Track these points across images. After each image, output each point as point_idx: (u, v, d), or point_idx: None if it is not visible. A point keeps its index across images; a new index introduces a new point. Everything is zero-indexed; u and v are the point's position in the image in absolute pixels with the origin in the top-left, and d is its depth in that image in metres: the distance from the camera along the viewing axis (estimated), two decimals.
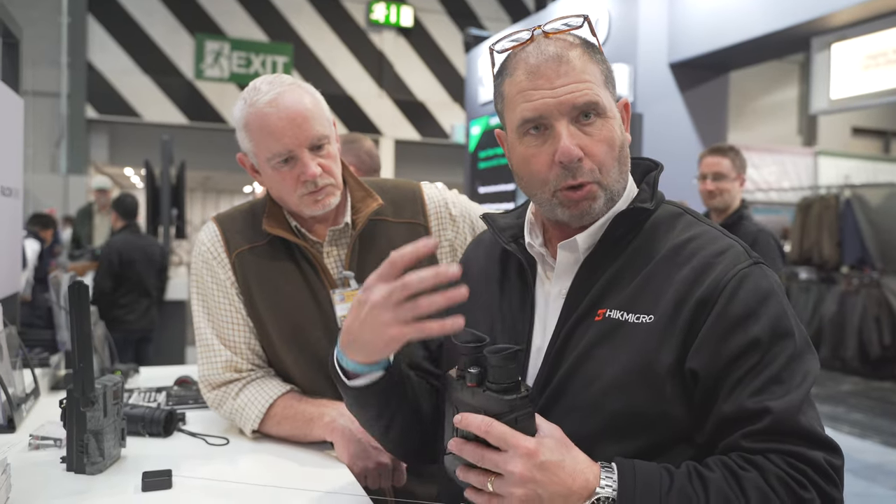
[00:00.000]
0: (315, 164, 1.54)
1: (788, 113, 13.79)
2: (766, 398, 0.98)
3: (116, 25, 12.54)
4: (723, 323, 1.02)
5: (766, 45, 4.80)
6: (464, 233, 1.75)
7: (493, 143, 7.02)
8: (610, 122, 1.09)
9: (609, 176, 1.09)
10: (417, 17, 14.16)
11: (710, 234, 1.12)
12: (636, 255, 1.11)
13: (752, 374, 1.00)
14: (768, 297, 1.03)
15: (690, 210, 1.19)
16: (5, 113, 2.37)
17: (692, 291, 1.04)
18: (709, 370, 1.01)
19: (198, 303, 1.70)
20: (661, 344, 1.04)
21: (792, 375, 1.00)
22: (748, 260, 1.07)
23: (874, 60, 4.47)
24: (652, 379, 1.03)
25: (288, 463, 1.51)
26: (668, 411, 1.04)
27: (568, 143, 1.06)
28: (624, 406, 1.05)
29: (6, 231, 2.41)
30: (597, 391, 1.06)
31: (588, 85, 1.07)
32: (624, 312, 1.07)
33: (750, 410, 0.98)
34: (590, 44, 1.12)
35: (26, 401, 1.87)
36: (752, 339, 1.01)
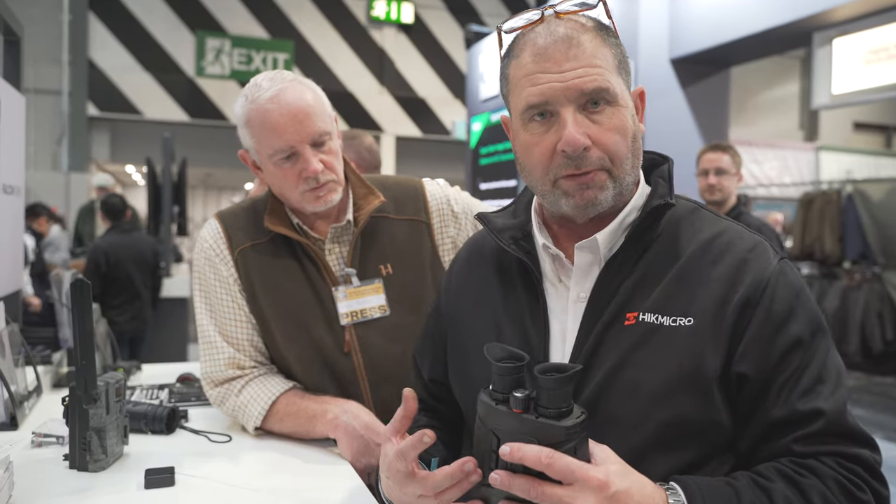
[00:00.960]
0: (317, 160, 1.54)
1: (790, 108, 13.76)
2: (816, 400, 0.96)
3: (117, 23, 12.52)
4: (769, 323, 0.98)
5: (767, 41, 4.78)
6: (466, 230, 1.75)
7: (495, 139, 7.01)
8: (622, 111, 1.01)
9: (621, 167, 1.02)
10: (418, 14, 14.14)
11: (733, 228, 1.08)
12: (661, 253, 1.05)
13: (797, 375, 0.97)
14: (801, 293, 1.01)
15: (702, 203, 1.14)
16: (7, 111, 2.37)
17: (734, 290, 0.99)
18: (758, 373, 0.98)
19: (200, 300, 1.70)
20: (706, 347, 0.98)
21: (830, 371, 0.99)
22: (777, 255, 1.04)
23: (876, 55, 4.46)
24: (700, 385, 0.97)
25: (291, 460, 1.52)
26: (716, 419, 0.99)
27: (573, 132, 0.98)
28: (672, 416, 0.98)
29: (8, 229, 2.41)
30: (641, 401, 0.98)
31: (599, 70, 0.99)
32: (658, 315, 1.01)
33: (802, 413, 0.96)
34: (604, 26, 1.05)
35: (29, 398, 1.87)
36: (795, 338, 0.98)
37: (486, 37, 7.48)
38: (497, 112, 6.98)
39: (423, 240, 1.70)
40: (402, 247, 1.68)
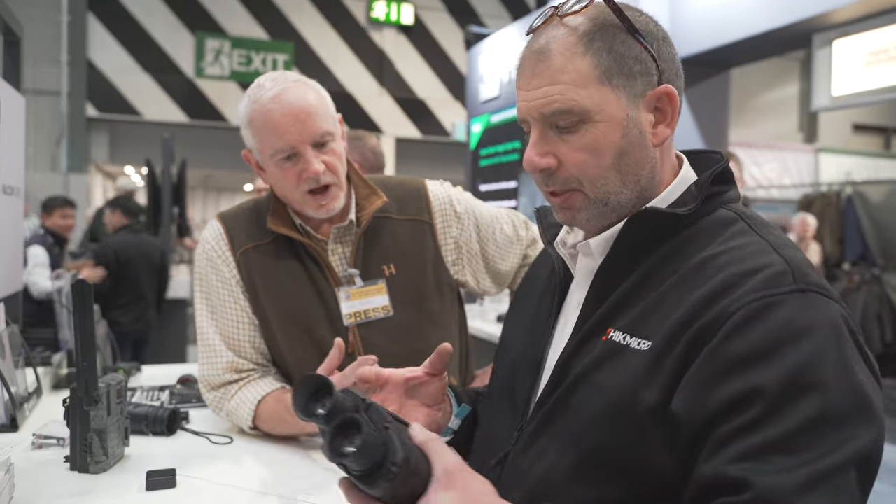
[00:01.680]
0: (318, 161, 1.54)
1: (789, 110, 13.77)
2: (753, 468, 0.75)
3: (117, 24, 12.51)
4: (718, 361, 0.81)
5: (767, 42, 4.78)
6: (469, 230, 1.74)
7: (495, 140, 7.01)
8: (598, 128, 0.92)
9: (598, 187, 0.94)
10: (418, 15, 14.14)
11: (754, 246, 0.89)
12: (659, 267, 0.94)
13: (746, 434, 0.77)
14: (800, 337, 0.80)
15: (753, 217, 0.96)
16: (7, 111, 2.36)
17: (698, 317, 0.84)
18: (692, 417, 0.81)
19: (201, 301, 1.69)
20: (648, 376, 0.86)
21: (806, 446, 0.75)
22: (789, 285, 0.83)
23: (876, 57, 4.46)
24: (632, 418, 0.86)
25: (292, 461, 1.51)
26: (648, 460, 0.85)
27: (530, 153, 0.95)
28: (598, 444, 0.89)
29: (8, 230, 2.40)
30: (582, 422, 0.92)
31: (561, 89, 0.91)
32: (627, 335, 0.91)
33: (729, 478, 0.76)
34: (599, 27, 0.93)
35: (29, 400, 1.87)
36: (752, 387, 0.78)
37: (485, 38, 7.48)
38: (497, 113, 6.98)
39: (425, 240, 1.70)
40: (405, 247, 1.68)
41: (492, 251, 1.78)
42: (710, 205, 0.96)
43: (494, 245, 1.78)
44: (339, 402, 0.79)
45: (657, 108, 0.95)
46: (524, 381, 1.06)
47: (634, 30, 0.93)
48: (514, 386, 1.07)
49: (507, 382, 1.11)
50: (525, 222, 1.86)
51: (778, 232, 0.95)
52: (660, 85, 0.94)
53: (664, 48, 0.96)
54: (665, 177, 0.99)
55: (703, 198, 0.95)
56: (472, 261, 1.76)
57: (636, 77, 0.93)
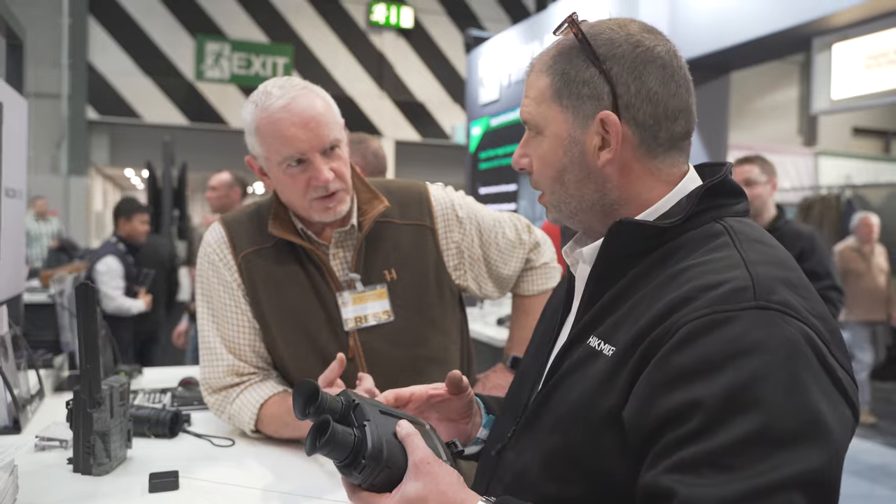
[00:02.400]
0: (327, 168, 1.54)
1: (789, 113, 13.79)
2: (682, 479, 0.76)
3: (117, 27, 12.54)
4: (662, 372, 0.82)
5: (767, 46, 4.79)
6: (471, 234, 1.75)
7: (494, 143, 7.02)
8: (545, 142, 1.00)
9: (549, 194, 1.03)
10: (417, 18, 14.17)
11: (726, 261, 0.89)
12: (639, 277, 0.95)
13: (683, 445, 0.78)
14: (747, 354, 0.79)
15: (740, 233, 0.95)
16: (10, 114, 2.37)
17: (654, 327, 0.86)
18: (637, 423, 0.83)
19: (203, 304, 1.70)
20: (606, 383, 0.89)
21: (741, 463, 0.75)
22: (746, 302, 0.82)
23: (875, 60, 4.47)
24: (589, 421, 0.89)
25: (294, 463, 1.52)
26: (605, 464, 0.88)
27: (515, 153, 1.06)
28: (560, 445, 0.93)
29: (10, 232, 2.41)
30: (550, 423, 0.97)
31: (527, 101, 1.02)
32: (602, 341, 0.93)
33: (661, 487, 0.78)
34: (567, 49, 0.99)
35: (31, 402, 1.87)
36: (691, 400, 0.78)
37: (485, 41, 7.49)
38: (496, 116, 6.99)
39: (427, 245, 1.70)
40: (407, 252, 1.68)
41: (494, 255, 1.78)
42: (705, 217, 0.97)
43: (496, 249, 1.78)
44: (326, 404, 0.92)
45: (606, 132, 0.96)
46: (527, 382, 1.11)
47: (592, 53, 0.96)
48: (522, 385, 1.13)
49: (516, 384, 1.17)
50: (527, 226, 1.86)
51: (766, 248, 0.93)
52: (616, 109, 0.95)
53: (628, 73, 0.96)
54: (641, 193, 1.00)
55: (690, 210, 0.96)
56: (473, 265, 1.76)
57: (584, 99, 0.96)
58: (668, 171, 1.00)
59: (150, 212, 6.04)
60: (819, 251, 3.43)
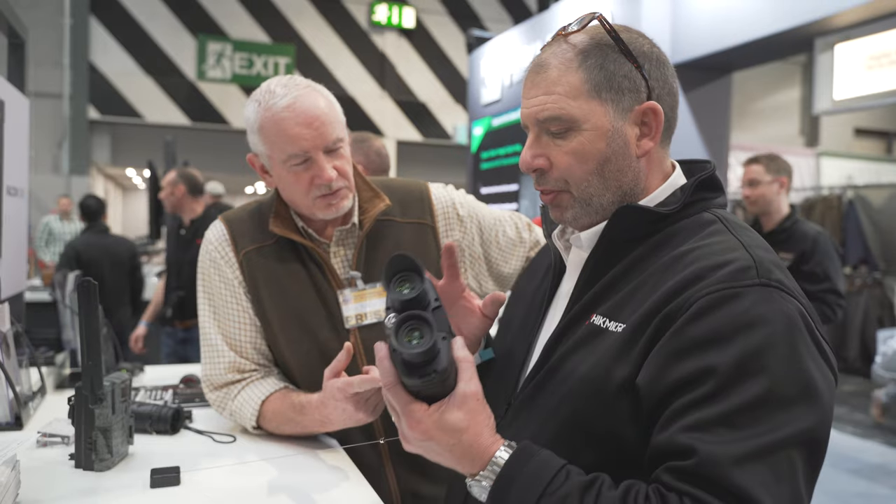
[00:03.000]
0: (330, 167, 1.55)
1: (791, 114, 13.79)
2: (700, 437, 0.85)
3: (118, 27, 12.55)
4: (678, 342, 0.91)
5: (769, 46, 4.78)
6: (471, 233, 1.75)
7: (496, 143, 7.02)
8: (584, 136, 1.03)
9: (582, 188, 1.05)
10: (419, 19, 14.17)
11: (725, 244, 0.99)
12: (640, 260, 1.04)
13: (697, 407, 0.87)
14: (753, 326, 0.88)
15: (731, 220, 1.06)
16: (12, 113, 2.37)
17: (665, 304, 0.94)
18: (651, 389, 0.91)
19: (204, 302, 1.70)
20: (619, 355, 0.96)
21: (751, 423, 0.84)
22: (750, 279, 0.92)
23: (877, 61, 4.47)
24: (601, 391, 0.96)
25: (295, 460, 1.52)
26: (616, 430, 0.96)
27: (525, 154, 1.07)
28: (571, 415, 1.00)
29: (12, 231, 2.41)
30: (558, 397, 1.03)
31: (555, 98, 1.03)
32: (607, 319, 1.01)
33: (678, 445, 0.86)
34: (594, 46, 1.04)
35: (33, 399, 1.88)
36: (705, 366, 0.87)
37: (487, 41, 7.49)
38: (498, 116, 6.99)
39: (428, 243, 1.71)
40: (408, 250, 1.68)
41: (495, 254, 1.78)
42: (694, 208, 1.06)
43: (497, 248, 1.78)
44: (423, 294, 0.91)
45: (643, 123, 1.05)
46: (516, 360, 1.17)
47: (626, 50, 1.03)
48: (507, 364, 1.19)
49: (501, 362, 1.23)
50: (528, 224, 1.86)
51: (753, 234, 1.04)
52: (648, 101, 1.04)
53: (656, 69, 1.05)
54: (651, 184, 1.09)
55: (686, 200, 1.05)
56: (474, 264, 1.76)
57: (624, 93, 1.03)
58: (665, 162, 1.10)
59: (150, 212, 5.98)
60: (820, 253, 3.43)
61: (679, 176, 1.11)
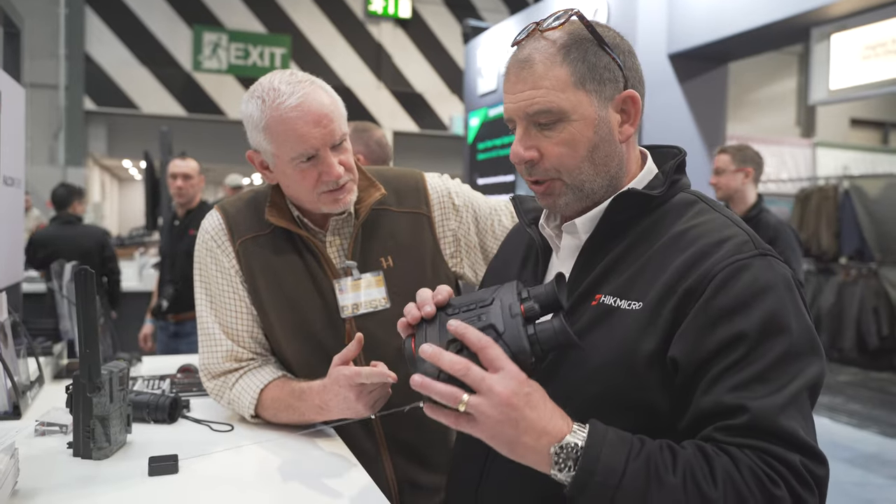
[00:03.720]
0: (337, 162, 1.55)
1: (787, 104, 13.79)
2: (746, 395, 0.95)
3: (114, 17, 12.50)
4: (708, 314, 0.99)
5: (765, 36, 4.79)
6: (467, 222, 1.75)
7: (492, 134, 7.02)
8: (573, 126, 1.09)
9: (574, 175, 1.11)
10: (415, 9, 14.13)
11: (717, 221, 1.10)
12: (638, 240, 1.11)
13: (734, 370, 0.97)
14: (766, 291, 1.00)
15: (708, 199, 1.17)
16: (8, 103, 2.37)
17: (682, 280, 1.02)
18: (689, 360, 0.99)
19: (201, 290, 1.70)
20: (643, 331, 1.03)
21: (780, 375, 0.96)
22: (752, 251, 1.03)
23: (873, 51, 4.47)
24: (632, 366, 1.03)
25: (293, 448, 1.53)
26: (648, 399, 1.03)
27: (516, 147, 1.12)
28: (602, 390, 1.05)
29: (8, 220, 2.41)
30: (579, 377, 1.08)
31: (543, 92, 1.08)
32: (617, 299, 1.07)
33: (727, 405, 0.95)
34: (574, 41, 1.10)
35: (31, 388, 1.88)
36: (737, 332, 0.98)
37: (483, 32, 7.48)
38: (495, 107, 6.98)
39: (423, 233, 1.71)
40: (403, 239, 1.69)
41: (490, 243, 1.79)
42: (673, 189, 1.16)
43: (493, 237, 1.79)
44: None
45: (623, 110, 1.13)
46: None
47: (604, 43, 1.10)
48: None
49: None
50: None
51: (729, 211, 1.15)
52: (626, 90, 1.11)
53: (629, 59, 1.13)
54: (631, 168, 1.17)
55: (669, 183, 1.15)
56: (470, 253, 1.77)
57: (605, 83, 1.10)
58: (636, 147, 1.20)
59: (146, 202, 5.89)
60: (782, 243, 3.55)
61: (651, 160, 1.20)
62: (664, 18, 5.21)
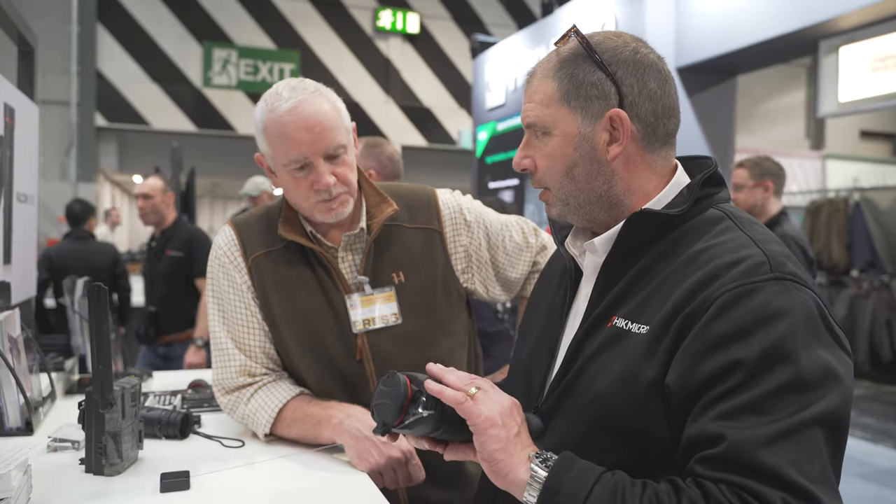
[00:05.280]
0: (329, 173, 1.55)
1: (796, 116, 13.75)
2: (729, 424, 0.89)
3: (125, 34, 12.61)
4: (704, 339, 0.94)
5: (774, 49, 4.78)
6: (478, 238, 1.75)
7: (500, 148, 7.03)
8: (555, 140, 1.10)
9: (557, 189, 1.13)
10: (423, 24, 14.20)
11: (736, 241, 1.02)
12: (656, 261, 1.07)
13: (726, 398, 0.91)
14: (774, 318, 0.92)
15: (739, 215, 1.09)
16: (22, 120, 2.39)
17: (687, 303, 0.98)
18: (682, 387, 0.95)
19: (213, 306, 1.71)
20: (646, 356, 1.00)
21: (777, 407, 0.89)
22: (766, 274, 0.96)
23: (882, 63, 4.46)
24: (633, 392, 1.00)
25: (304, 464, 1.52)
26: (648, 429, 0.99)
27: (516, 154, 1.16)
28: (602, 416, 1.03)
29: (22, 237, 2.43)
30: (587, 399, 1.06)
31: (532, 106, 1.12)
32: (629, 321, 1.04)
33: (708, 434, 0.91)
34: (571, 56, 1.10)
35: (43, 404, 1.89)
36: (733, 360, 0.91)
37: (491, 46, 7.51)
38: (503, 121, 7.00)
39: (435, 249, 1.71)
40: (415, 255, 1.69)
41: (501, 259, 1.79)
42: (702, 205, 1.10)
43: (504, 253, 1.79)
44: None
45: (612, 129, 1.08)
46: (539, 366, 1.20)
47: (598, 60, 1.07)
48: (531, 370, 1.22)
49: (524, 367, 1.25)
50: (534, 229, 1.87)
51: (762, 228, 1.07)
52: (619, 107, 1.07)
53: (631, 75, 1.08)
54: (643, 185, 1.11)
55: (693, 199, 1.08)
56: (481, 269, 1.77)
57: (592, 100, 1.08)
58: (662, 164, 1.12)
59: None
60: None
61: (682, 175, 1.15)
62: (672, 31, 5.22)
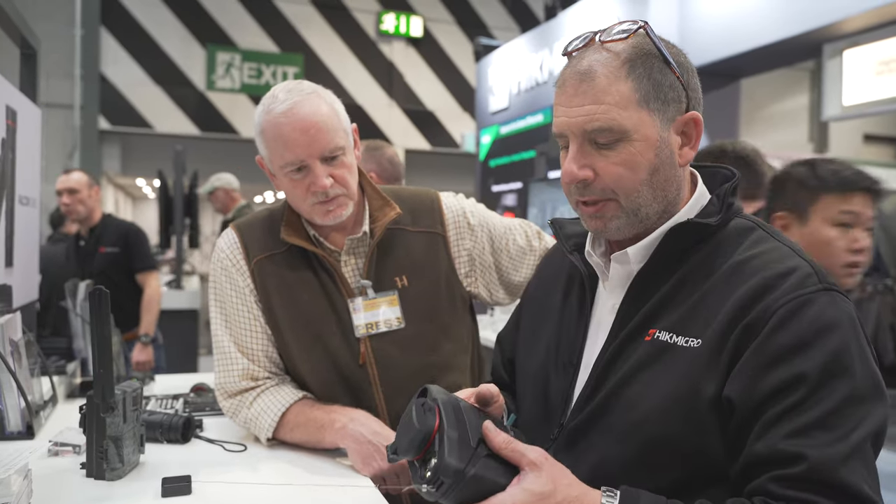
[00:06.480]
0: (326, 175, 1.54)
1: (799, 120, 13.73)
2: (805, 443, 0.88)
3: (129, 38, 12.63)
4: (767, 352, 0.93)
5: (777, 53, 4.78)
6: (482, 242, 1.74)
7: (504, 152, 7.03)
8: (634, 146, 1.01)
9: (632, 198, 1.04)
10: (427, 28, 14.20)
11: (779, 251, 1.02)
12: (694, 272, 1.04)
13: (792, 414, 0.90)
14: (829, 330, 0.93)
15: (766, 225, 1.09)
16: (24, 123, 2.39)
17: (743, 315, 0.95)
18: (744, 400, 0.93)
19: (216, 310, 1.70)
20: (705, 371, 0.96)
21: (842, 422, 0.89)
22: (816, 285, 0.96)
23: (886, 66, 4.45)
24: (693, 409, 0.96)
25: (306, 469, 1.52)
26: (706, 446, 0.97)
27: (570, 165, 1.03)
28: (660, 435, 0.99)
29: (24, 240, 2.42)
30: (636, 416, 1.01)
31: (605, 108, 1.00)
32: (673, 334, 1.01)
33: (784, 453, 0.89)
34: (640, 55, 1.02)
35: (44, 408, 1.88)
36: (797, 373, 0.91)
37: (494, 50, 7.51)
38: (506, 124, 6.99)
39: (438, 252, 1.70)
40: (418, 259, 1.68)
41: (505, 263, 1.78)
42: (727, 215, 1.07)
43: (508, 256, 1.78)
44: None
45: (684, 133, 1.06)
46: (559, 382, 1.13)
47: (669, 61, 1.03)
48: (547, 387, 1.15)
49: (538, 384, 1.18)
50: (538, 233, 1.86)
51: (789, 238, 1.07)
52: (688, 111, 1.05)
53: (692, 79, 1.06)
54: (684, 192, 1.10)
55: (725, 208, 1.07)
56: (485, 273, 1.76)
57: (669, 103, 1.03)
58: (688, 170, 1.11)
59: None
60: None
61: (701, 183, 1.14)
62: (676, 35, 5.21)
